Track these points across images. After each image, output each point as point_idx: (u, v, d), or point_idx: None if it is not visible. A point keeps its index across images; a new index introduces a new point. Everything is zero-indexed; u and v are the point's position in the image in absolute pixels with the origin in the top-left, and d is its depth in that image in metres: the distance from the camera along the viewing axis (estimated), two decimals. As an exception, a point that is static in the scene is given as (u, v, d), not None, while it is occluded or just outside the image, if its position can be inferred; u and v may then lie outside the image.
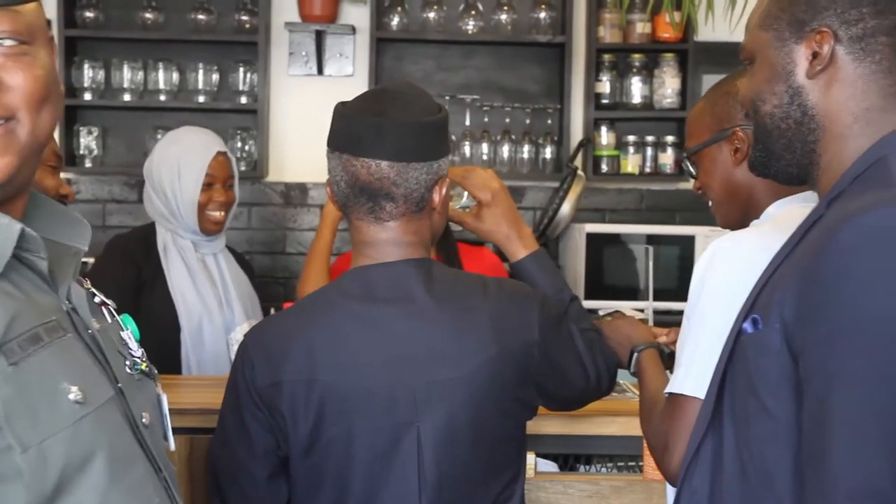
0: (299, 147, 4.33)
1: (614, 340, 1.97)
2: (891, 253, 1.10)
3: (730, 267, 1.56)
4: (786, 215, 1.66)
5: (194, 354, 2.72)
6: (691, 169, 1.86)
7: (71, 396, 1.04)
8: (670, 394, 1.59)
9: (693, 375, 1.53)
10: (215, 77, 4.27)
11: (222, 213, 2.82)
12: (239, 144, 4.27)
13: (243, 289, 2.91)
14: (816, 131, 1.29)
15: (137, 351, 1.25)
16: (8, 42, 1.09)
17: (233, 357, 2.72)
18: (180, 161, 2.78)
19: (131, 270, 2.70)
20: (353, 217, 1.72)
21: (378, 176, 1.66)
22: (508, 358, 1.69)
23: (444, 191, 1.73)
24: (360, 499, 1.66)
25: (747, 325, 1.25)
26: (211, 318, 2.75)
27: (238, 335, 2.77)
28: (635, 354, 1.88)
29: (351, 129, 1.69)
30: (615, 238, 4.10)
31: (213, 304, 2.77)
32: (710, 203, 1.87)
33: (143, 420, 1.19)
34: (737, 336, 1.28)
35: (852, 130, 1.26)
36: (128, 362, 1.21)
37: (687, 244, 4.02)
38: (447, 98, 4.32)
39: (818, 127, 1.28)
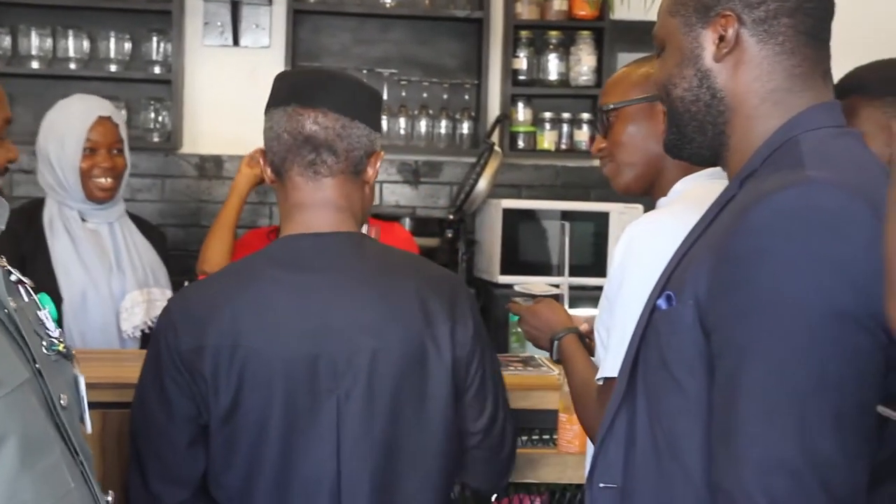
0: (214, 119, 4.27)
1: (534, 326, 1.98)
2: (799, 232, 1.12)
3: (649, 250, 1.58)
4: (696, 191, 1.69)
5: (76, 326, 2.68)
6: (606, 125, 1.84)
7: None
8: (605, 379, 1.60)
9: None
10: (128, 46, 4.17)
11: (109, 180, 2.77)
12: (152, 115, 4.19)
13: (143, 258, 2.87)
14: (726, 113, 1.31)
15: (55, 331, 1.22)
16: None
17: (123, 327, 2.73)
18: (62, 129, 2.75)
19: (6, 245, 2.63)
20: (292, 174, 1.71)
21: (324, 125, 1.69)
22: (433, 336, 1.70)
23: (377, 166, 1.76)
24: (276, 468, 1.66)
25: (661, 302, 1.27)
26: (97, 289, 2.71)
27: (127, 303, 2.75)
28: (556, 342, 1.89)
29: (298, 83, 1.73)
30: (531, 214, 4.13)
31: (99, 274, 2.72)
32: (610, 164, 1.86)
33: (62, 402, 1.15)
34: (651, 312, 1.30)
35: (759, 111, 1.29)
36: (44, 343, 1.18)
37: (601, 220, 4.06)
38: (364, 72, 4.29)
39: (727, 108, 1.31)
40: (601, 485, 1.37)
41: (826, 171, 1.18)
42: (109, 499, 1.22)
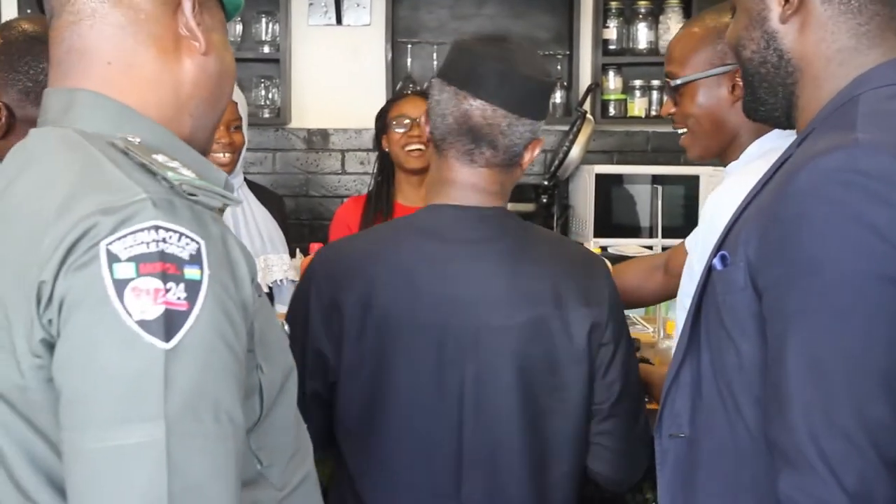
0: (320, 94, 4.49)
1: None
2: (840, 197, 1.12)
3: (721, 219, 1.60)
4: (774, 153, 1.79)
5: None
6: (675, 95, 1.86)
7: (286, 328, 1.22)
8: None
9: None
10: (239, 28, 4.41)
11: (227, 155, 2.92)
12: (263, 92, 4.43)
13: (260, 226, 3.01)
14: (794, 74, 1.31)
15: None
16: None
17: None
18: None
19: None
20: (449, 154, 1.70)
21: (490, 121, 1.65)
22: (562, 319, 1.67)
23: (535, 152, 1.72)
24: (396, 434, 1.68)
25: (717, 262, 1.28)
26: None
27: None
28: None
29: (476, 68, 1.67)
30: (622, 178, 4.22)
31: None
32: (685, 132, 1.88)
33: None
34: (708, 271, 1.32)
35: (826, 72, 1.28)
36: None
37: (692, 183, 4.14)
38: (461, 45, 4.46)
39: (795, 70, 1.31)
40: (669, 434, 1.38)
41: (877, 133, 1.16)
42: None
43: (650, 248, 3.59)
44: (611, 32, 4.46)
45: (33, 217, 1.02)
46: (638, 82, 4.52)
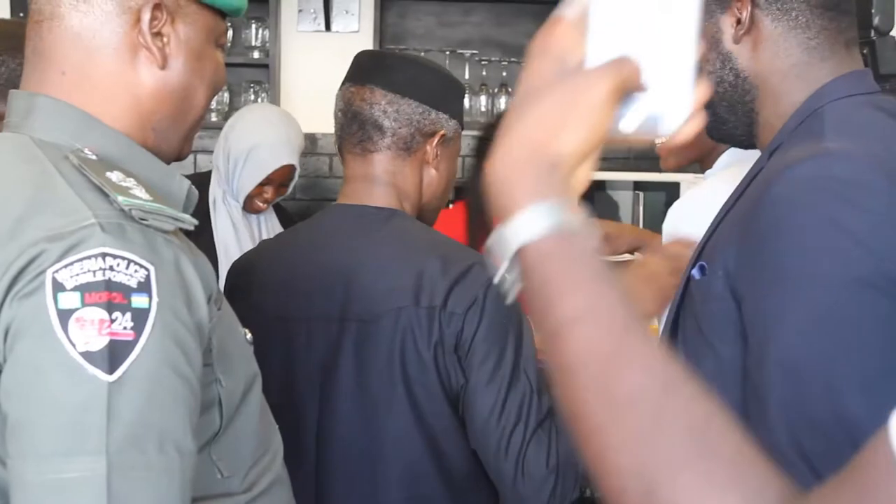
0: (309, 100, 4.51)
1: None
2: (815, 203, 1.14)
3: (685, 226, 1.68)
4: (743, 163, 1.84)
5: None
6: None
7: (248, 337, 1.23)
8: None
9: None
10: (228, 33, 4.44)
11: (267, 205, 3.03)
12: (252, 97, 4.47)
13: None
14: (752, 91, 1.35)
15: None
16: None
17: None
18: (251, 154, 2.95)
19: None
20: (345, 152, 1.73)
21: (371, 102, 1.68)
22: (419, 319, 1.61)
23: (436, 147, 1.72)
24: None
25: (695, 272, 1.30)
26: None
27: None
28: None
29: (358, 64, 1.76)
30: (604, 185, 4.24)
31: None
32: (665, 145, 1.91)
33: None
34: (686, 281, 1.33)
35: (783, 87, 1.32)
36: None
37: (673, 190, 4.13)
38: (447, 53, 4.54)
39: (752, 87, 1.35)
40: None
41: (845, 142, 1.19)
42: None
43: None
44: (595, 41, 4.51)
45: None
46: (621, 90, 4.57)
